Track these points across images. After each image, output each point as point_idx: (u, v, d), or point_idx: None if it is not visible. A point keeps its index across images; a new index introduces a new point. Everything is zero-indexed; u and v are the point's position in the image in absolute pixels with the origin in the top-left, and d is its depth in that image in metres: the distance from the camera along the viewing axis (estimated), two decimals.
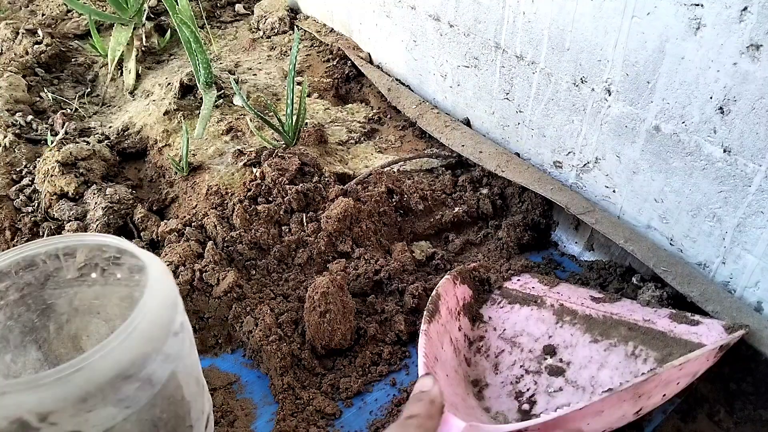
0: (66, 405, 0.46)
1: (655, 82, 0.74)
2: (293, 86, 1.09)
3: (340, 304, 0.76)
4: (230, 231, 0.90)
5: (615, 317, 0.73)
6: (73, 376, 0.46)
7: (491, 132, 1.10)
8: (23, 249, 0.60)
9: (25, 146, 1.17)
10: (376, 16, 1.35)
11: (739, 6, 0.62)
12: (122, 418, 0.50)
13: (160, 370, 0.54)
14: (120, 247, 0.61)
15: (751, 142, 0.66)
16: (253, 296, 0.84)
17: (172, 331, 0.56)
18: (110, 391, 0.49)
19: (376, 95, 1.38)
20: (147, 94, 1.38)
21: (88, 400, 0.47)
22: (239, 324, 0.80)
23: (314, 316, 0.75)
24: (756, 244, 0.70)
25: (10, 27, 1.56)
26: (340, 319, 0.75)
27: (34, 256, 0.61)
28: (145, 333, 0.52)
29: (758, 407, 0.72)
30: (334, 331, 0.75)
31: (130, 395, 0.50)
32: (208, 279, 0.83)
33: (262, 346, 0.75)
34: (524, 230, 0.97)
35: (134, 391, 0.51)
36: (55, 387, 0.46)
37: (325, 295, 0.75)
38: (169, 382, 0.55)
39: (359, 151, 1.21)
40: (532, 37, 0.91)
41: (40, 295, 0.64)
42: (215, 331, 0.82)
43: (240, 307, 0.81)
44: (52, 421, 0.46)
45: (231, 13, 1.83)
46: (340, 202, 0.92)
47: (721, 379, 0.77)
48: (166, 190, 1.09)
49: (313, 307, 0.75)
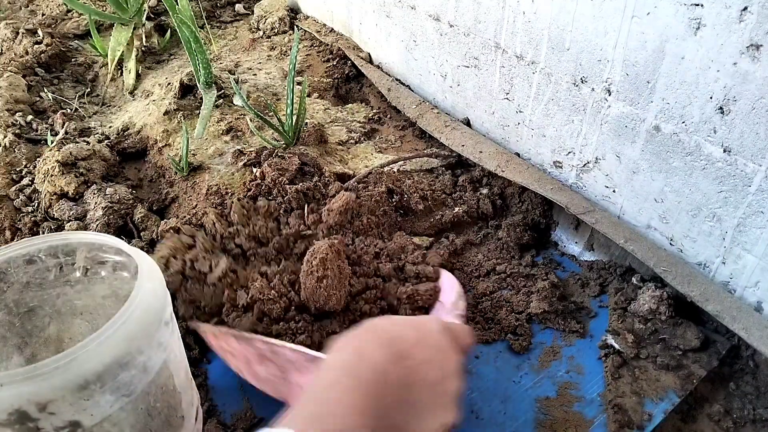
0: (65, 393, 0.47)
1: (655, 82, 0.74)
2: (293, 86, 1.09)
3: (337, 270, 0.77)
4: (228, 227, 0.91)
5: None
6: (71, 364, 0.47)
7: (491, 132, 1.10)
8: (5, 250, 0.59)
9: (25, 146, 1.17)
10: (376, 16, 1.35)
11: (739, 6, 0.62)
12: (119, 406, 0.51)
13: (155, 357, 0.55)
14: (105, 244, 0.61)
15: (751, 142, 0.66)
16: (247, 278, 0.84)
17: (164, 320, 0.57)
18: (108, 378, 0.49)
19: (376, 95, 1.38)
20: (147, 94, 1.38)
21: (87, 388, 0.48)
22: (233, 305, 0.80)
23: (311, 281, 0.76)
24: (756, 244, 0.70)
25: (10, 27, 1.56)
26: (336, 284, 0.76)
27: (9, 260, 0.60)
28: (139, 320, 0.53)
29: (758, 407, 0.73)
30: (329, 297, 0.76)
31: (127, 382, 0.51)
32: (200, 267, 0.83)
33: (256, 303, 0.75)
34: (524, 230, 0.97)
35: (130, 379, 0.51)
36: (54, 376, 0.46)
37: (324, 261, 0.76)
38: (162, 371, 0.56)
39: (359, 151, 1.21)
40: (532, 37, 0.91)
41: (21, 298, 0.63)
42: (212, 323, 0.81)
43: (233, 292, 0.81)
44: (51, 411, 0.47)
45: (231, 13, 1.83)
46: (342, 195, 0.92)
47: (721, 379, 0.77)
48: (166, 190, 1.09)
49: (311, 271, 0.76)
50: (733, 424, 0.72)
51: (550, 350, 0.79)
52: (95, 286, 0.66)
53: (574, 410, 0.71)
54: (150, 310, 0.54)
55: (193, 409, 0.65)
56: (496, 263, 0.92)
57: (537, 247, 0.99)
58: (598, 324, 0.83)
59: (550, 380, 0.75)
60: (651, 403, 0.71)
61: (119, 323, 0.51)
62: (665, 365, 0.75)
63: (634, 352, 0.76)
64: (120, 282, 0.66)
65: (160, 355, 0.55)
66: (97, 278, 0.66)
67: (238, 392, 0.74)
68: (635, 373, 0.75)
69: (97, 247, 0.62)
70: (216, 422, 0.70)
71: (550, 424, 0.70)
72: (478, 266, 0.93)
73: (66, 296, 0.66)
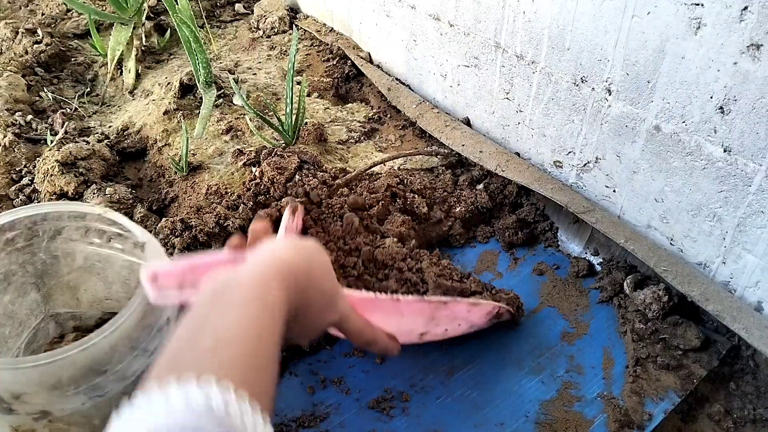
0: (39, 389, 0.50)
1: (656, 81, 0.74)
2: (292, 86, 1.09)
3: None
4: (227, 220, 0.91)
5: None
6: (50, 365, 0.49)
7: (491, 131, 1.10)
8: (39, 207, 0.67)
9: (25, 146, 1.17)
10: (376, 16, 1.35)
11: (740, 5, 0.62)
12: (92, 404, 0.53)
13: (137, 364, 0.56)
14: (131, 231, 0.66)
15: (751, 141, 0.66)
16: None
17: (157, 327, 0.57)
18: (83, 383, 0.52)
19: (376, 95, 1.38)
20: (147, 94, 1.38)
21: (60, 389, 0.50)
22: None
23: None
24: (756, 243, 0.70)
25: (10, 26, 1.56)
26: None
27: (47, 214, 0.68)
28: (127, 332, 0.55)
29: (758, 407, 0.73)
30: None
31: (102, 386, 0.53)
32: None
33: None
34: (524, 229, 0.97)
35: (106, 383, 0.54)
36: (32, 372, 0.49)
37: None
38: (143, 374, 0.57)
39: (359, 150, 1.21)
40: (532, 36, 0.91)
41: (48, 246, 0.70)
42: None
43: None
44: (24, 400, 0.50)
45: (231, 12, 1.83)
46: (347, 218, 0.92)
47: (721, 379, 0.77)
48: (166, 189, 1.08)
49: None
50: (733, 424, 0.72)
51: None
52: (114, 255, 0.72)
53: (574, 410, 0.71)
54: (142, 322, 0.56)
55: None
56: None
57: (537, 247, 0.98)
58: (599, 324, 0.83)
59: (550, 380, 0.75)
60: (651, 402, 0.71)
61: (105, 335, 0.52)
62: (665, 365, 0.75)
63: (635, 352, 0.76)
64: (138, 258, 0.71)
65: (143, 361, 0.57)
66: (117, 249, 0.71)
67: None
68: (635, 373, 0.75)
69: (121, 227, 0.68)
70: None
71: (550, 424, 0.70)
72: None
73: (88, 256, 0.73)
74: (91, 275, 0.75)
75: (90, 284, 0.76)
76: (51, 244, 0.70)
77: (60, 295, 0.76)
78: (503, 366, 0.78)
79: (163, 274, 0.52)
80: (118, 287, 0.76)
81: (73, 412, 0.52)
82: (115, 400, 0.55)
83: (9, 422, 0.51)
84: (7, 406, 0.49)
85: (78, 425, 0.54)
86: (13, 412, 0.50)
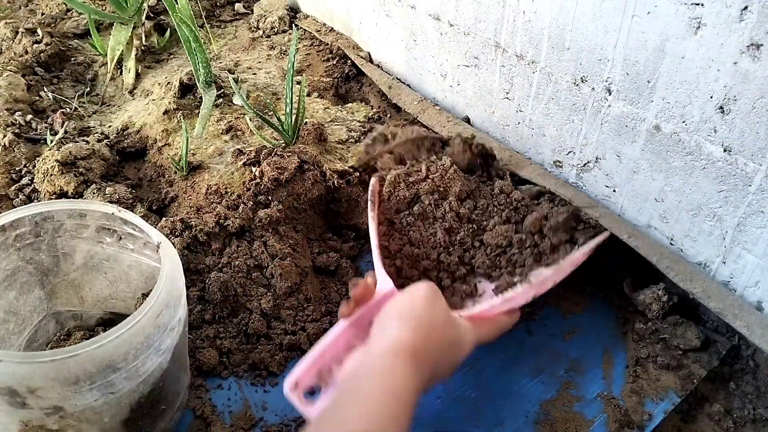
0: (54, 384, 0.50)
1: (656, 81, 0.74)
2: (292, 85, 1.09)
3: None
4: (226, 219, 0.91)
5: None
6: (69, 360, 0.50)
7: (491, 131, 1.10)
8: (48, 204, 0.67)
9: (25, 146, 1.17)
10: (376, 16, 1.35)
11: (740, 5, 0.62)
12: (104, 401, 0.54)
13: (149, 362, 0.57)
14: (138, 225, 0.66)
15: (751, 141, 0.66)
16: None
17: (170, 327, 0.58)
18: (98, 379, 0.52)
19: (376, 94, 1.37)
20: (146, 94, 1.38)
21: (76, 384, 0.51)
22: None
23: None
24: (756, 243, 0.70)
25: (10, 26, 1.56)
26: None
27: (55, 211, 0.68)
28: (142, 331, 0.55)
29: (758, 407, 0.73)
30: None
31: (116, 383, 0.54)
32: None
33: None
34: None
35: (120, 380, 0.54)
36: (48, 367, 0.49)
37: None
38: (155, 372, 0.58)
39: (359, 150, 1.21)
40: (532, 36, 0.91)
41: (54, 243, 0.71)
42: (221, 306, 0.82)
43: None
44: (39, 395, 0.50)
45: (230, 12, 1.82)
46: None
47: (721, 379, 0.77)
48: (166, 189, 1.08)
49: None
50: (734, 424, 0.72)
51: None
52: (123, 254, 0.73)
53: (574, 410, 0.71)
54: (156, 321, 0.57)
55: (178, 398, 0.67)
56: None
57: None
58: (599, 324, 0.83)
59: (550, 380, 0.75)
60: (651, 402, 0.71)
61: (124, 329, 0.53)
62: (665, 365, 0.75)
63: (635, 352, 0.76)
64: (146, 259, 0.71)
65: (155, 359, 0.57)
66: (127, 248, 0.72)
67: (237, 393, 0.74)
68: (635, 373, 0.75)
69: (134, 226, 0.68)
70: (218, 423, 0.70)
71: (550, 424, 0.70)
72: None
73: (96, 253, 0.73)
74: (98, 274, 0.76)
75: (95, 283, 0.76)
76: (57, 242, 0.71)
77: (63, 294, 0.76)
78: (503, 366, 0.78)
79: (303, 377, 0.57)
80: (124, 286, 0.76)
81: (85, 408, 0.53)
82: (125, 397, 0.55)
83: (20, 417, 0.51)
84: (21, 401, 0.50)
85: (88, 422, 0.54)
86: (27, 407, 0.50)
